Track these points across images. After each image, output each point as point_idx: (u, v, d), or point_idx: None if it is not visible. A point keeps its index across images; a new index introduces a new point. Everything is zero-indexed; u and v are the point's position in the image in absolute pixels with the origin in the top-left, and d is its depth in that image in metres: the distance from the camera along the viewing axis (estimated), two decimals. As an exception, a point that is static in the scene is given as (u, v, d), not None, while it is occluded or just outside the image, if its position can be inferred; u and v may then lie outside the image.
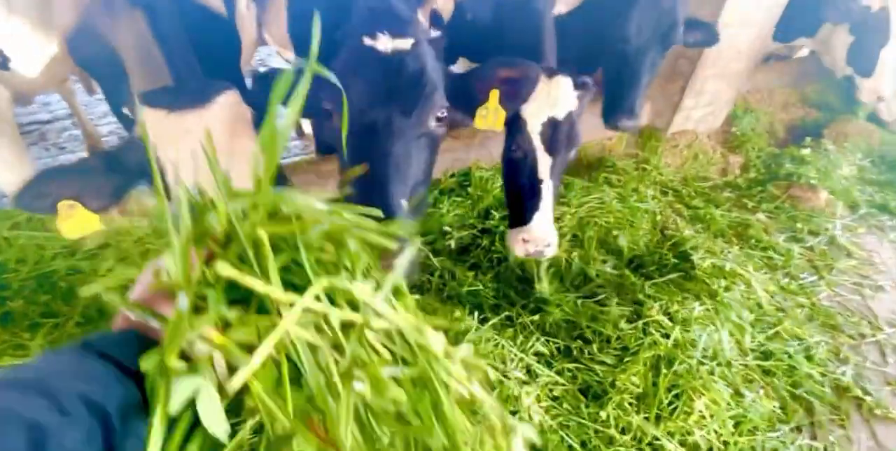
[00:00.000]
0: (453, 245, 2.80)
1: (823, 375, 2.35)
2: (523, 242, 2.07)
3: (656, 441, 1.99)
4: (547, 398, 2.09)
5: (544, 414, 2.01)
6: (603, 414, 2.04)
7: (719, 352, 2.30)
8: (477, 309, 2.43)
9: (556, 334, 2.38)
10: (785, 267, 2.92)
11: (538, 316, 2.42)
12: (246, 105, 1.38)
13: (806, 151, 3.76)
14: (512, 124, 2.02)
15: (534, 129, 1.99)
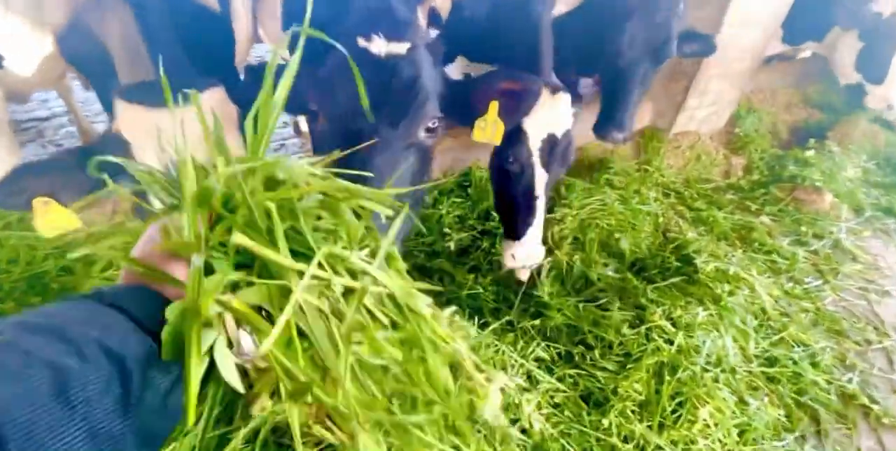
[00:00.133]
0: (453, 247, 2.76)
1: (829, 382, 2.30)
2: (513, 257, 2.15)
3: (659, 450, 1.95)
4: (548, 405, 2.05)
5: (545, 422, 1.97)
6: (605, 422, 2.00)
7: (723, 358, 2.26)
8: (477, 313, 2.40)
9: (557, 339, 2.33)
10: (789, 271, 2.88)
11: (539, 320, 2.38)
12: (232, 103, 1.33)
13: (810, 152, 3.71)
14: (509, 136, 2.00)
15: (534, 144, 1.96)
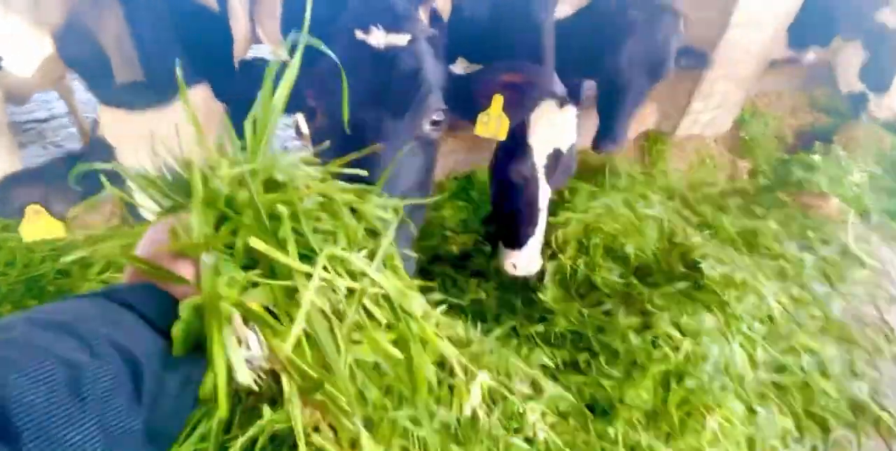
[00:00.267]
0: (455, 251, 2.72)
1: (839, 391, 2.26)
2: (514, 266, 2.18)
3: (666, 461, 1.91)
4: (553, 414, 2.01)
5: (549, 431, 1.93)
6: (611, 431, 1.96)
7: (731, 366, 2.22)
8: (480, 318, 2.35)
9: (562, 345, 2.30)
10: (796, 277, 2.83)
11: (543, 327, 2.34)
12: (218, 101, 1.30)
13: (816, 157, 3.67)
14: (512, 147, 1.98)
15: (539, 160, 1.96)
